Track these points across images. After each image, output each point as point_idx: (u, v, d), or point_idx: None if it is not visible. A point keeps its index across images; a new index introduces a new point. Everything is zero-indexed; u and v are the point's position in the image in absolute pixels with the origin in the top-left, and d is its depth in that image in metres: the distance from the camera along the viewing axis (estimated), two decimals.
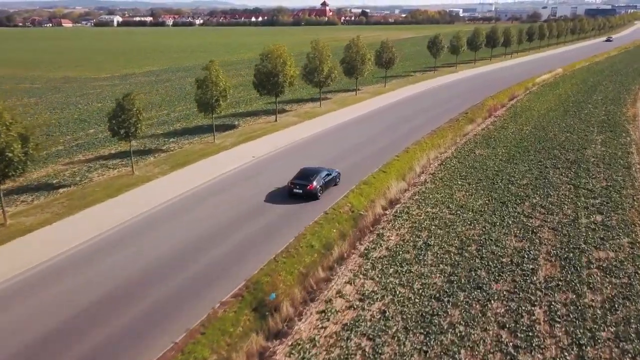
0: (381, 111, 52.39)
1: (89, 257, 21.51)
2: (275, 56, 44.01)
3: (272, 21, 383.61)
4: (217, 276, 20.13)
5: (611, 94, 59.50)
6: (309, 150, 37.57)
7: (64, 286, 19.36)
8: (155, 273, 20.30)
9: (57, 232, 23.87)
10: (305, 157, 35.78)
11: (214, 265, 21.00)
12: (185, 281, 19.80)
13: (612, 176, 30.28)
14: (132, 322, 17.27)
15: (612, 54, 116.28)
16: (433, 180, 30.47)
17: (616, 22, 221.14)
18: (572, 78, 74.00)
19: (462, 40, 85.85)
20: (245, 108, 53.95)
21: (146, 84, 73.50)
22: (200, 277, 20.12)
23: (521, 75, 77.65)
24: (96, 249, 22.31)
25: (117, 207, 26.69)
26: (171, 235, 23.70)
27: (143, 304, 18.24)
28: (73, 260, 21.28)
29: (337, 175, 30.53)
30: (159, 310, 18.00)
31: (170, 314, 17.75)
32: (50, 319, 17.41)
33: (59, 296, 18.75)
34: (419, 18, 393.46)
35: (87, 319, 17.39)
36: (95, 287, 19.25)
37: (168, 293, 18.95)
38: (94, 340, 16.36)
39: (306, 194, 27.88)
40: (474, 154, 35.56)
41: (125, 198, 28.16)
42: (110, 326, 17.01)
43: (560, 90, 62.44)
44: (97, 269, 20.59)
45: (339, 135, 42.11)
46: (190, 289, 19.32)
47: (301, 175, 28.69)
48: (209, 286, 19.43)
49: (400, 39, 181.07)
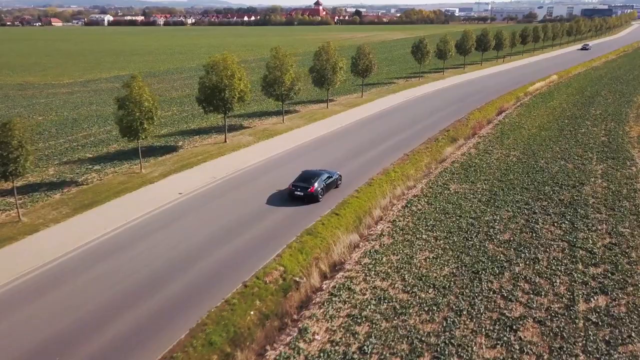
0: (352, 128, 46.03)
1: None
2: (221, 68, 37.53)
3: (264, 21, 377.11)
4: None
5: (611, 107, 53.24)
6: (254, 182, 31.17)
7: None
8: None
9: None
10: (249, 190, 29.45)
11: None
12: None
13: (616, 228, 23.95)
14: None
15: (610, 57, 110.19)
16: (392, 231, 24.08)
17: (613, 23, 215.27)
18: (567, 87, 67.70)
19: (449, 44, 79.48)
20: (199, 124, 47.45)
21: (101, 93, 66.96)
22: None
23: (513, 83, 71.47)
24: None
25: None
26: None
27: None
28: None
29: (338, 178, 30.63)
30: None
31: None
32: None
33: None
34: (413, 18, 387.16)
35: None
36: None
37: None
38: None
39: (307, 197, 27.98)
40: (448, 191, 29.18)
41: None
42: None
43: (554, 102, 56.10)
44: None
45: (297, 161, 35.73)
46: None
47: (302, 178, 28.69)
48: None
49: (392, 40, 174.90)
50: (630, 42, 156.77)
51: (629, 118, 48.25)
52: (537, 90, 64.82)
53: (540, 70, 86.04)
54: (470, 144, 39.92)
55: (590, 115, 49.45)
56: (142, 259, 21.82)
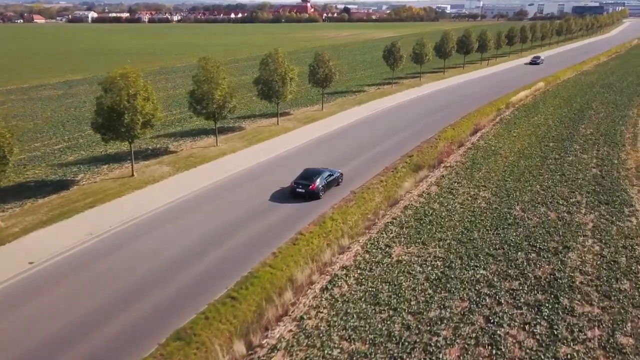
0: (299, 152, 38.79)
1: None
2: (122, 86, 29.88)
3: (251, 18, 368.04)
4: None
5: (604, 124, 46.09)
6: (136, 244, 23.46)
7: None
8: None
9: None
10: (124, 265, 21.65)
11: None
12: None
13: (614, 338, 16.59)
14: None
15: (601, 59, 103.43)
16: (292, 341, 16.62)
17: (604, 21, 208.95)
18: (555, 97, 60.48)
19: (426, 48, 72.01)
20: (112, 147, 39.58)
21: (38, 100, 59.26)
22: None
23: (496, 90, 64.37)
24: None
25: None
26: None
27: None
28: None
29: (339, 176, 31.21)
30: None
31: None
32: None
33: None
34: (402, 15, 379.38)
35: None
36: None
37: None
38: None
39: (308, 194, 28.40)
40: (388, 259, 21.75)
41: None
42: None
43: (538, 118, 48.84)
44: None
45: (213, 202, 28.31)
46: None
47: (304, 175, 29.32)
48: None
49: (376, 39, 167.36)
50: (622, 41, 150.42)
51: (625, 139, 41.10)
52: (521, 101, 57.57)
53: (528, 74, 79.00)
54: (433, 177, 32.55)
55: (580, 135, 42.22)
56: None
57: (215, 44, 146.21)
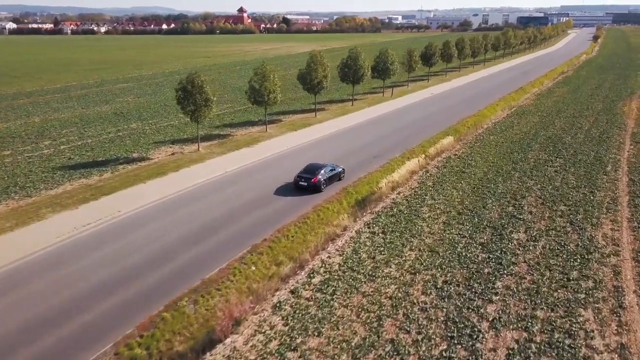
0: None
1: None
2: None
3: (183, 29, 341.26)
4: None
5: (572, 211, 24.57)
6: None
7: None
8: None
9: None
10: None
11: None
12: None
13: None
14: None
15: (545, 84, 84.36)
16: None
17: (548, 33, 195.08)
18: (444, 190, 39.08)
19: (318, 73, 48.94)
20: None
21: None
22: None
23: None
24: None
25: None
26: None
27: None
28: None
29: (341, 171, 32.14)
30: None
31: None
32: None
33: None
34: (344, 26, 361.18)
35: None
36: None
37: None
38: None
39: (311, 187, 29.86)
40: None
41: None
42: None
43: (444, 215, 26.91)
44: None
45: None
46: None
47: (307, 169, 30.68)
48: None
49: (298, 53, 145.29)
50: (569, 56, 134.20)
51: (602, 224, 19.47)
52: (440, 155, 35.63)
53: (423, 118, 57.12)
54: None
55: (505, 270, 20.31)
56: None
57: (115, 60, 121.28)
